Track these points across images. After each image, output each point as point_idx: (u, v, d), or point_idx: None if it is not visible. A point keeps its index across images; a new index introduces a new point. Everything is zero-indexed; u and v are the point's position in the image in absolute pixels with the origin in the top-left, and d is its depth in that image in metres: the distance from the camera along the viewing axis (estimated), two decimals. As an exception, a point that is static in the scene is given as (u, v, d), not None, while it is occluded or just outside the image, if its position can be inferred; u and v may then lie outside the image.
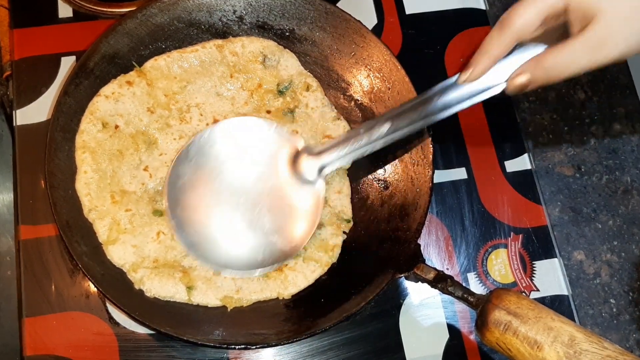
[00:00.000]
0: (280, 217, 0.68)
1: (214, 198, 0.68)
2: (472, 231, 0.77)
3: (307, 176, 0.68)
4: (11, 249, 0.73)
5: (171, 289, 0.66)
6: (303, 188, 0.68)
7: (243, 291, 0.68)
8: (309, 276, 0.69)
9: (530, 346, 0.58)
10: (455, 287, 0.64)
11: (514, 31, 0.58)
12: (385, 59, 0.74)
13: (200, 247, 0.67)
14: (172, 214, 0.67)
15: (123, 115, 0.71)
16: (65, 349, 0.68)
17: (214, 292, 0.67)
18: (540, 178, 0.80)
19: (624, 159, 0.82)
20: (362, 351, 0.70)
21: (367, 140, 0.66)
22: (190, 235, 0.67)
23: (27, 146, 0.75)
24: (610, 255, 0.78)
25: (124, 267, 0.67)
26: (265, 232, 0.67)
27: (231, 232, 0.68)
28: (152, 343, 0.69)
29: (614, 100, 0.85)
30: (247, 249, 0.67)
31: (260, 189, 0.68)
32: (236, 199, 0.68)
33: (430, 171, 0.69)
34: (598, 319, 0.75)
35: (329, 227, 0.71)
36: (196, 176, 0.68)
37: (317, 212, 0.68)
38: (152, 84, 0.73)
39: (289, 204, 0.68)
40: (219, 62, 0.75)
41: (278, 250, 0.67)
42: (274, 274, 0.69)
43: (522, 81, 0.59)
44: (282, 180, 0.68)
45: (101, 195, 0.68)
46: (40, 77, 0.78)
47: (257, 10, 0.76)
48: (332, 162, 0.68)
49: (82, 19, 0.82)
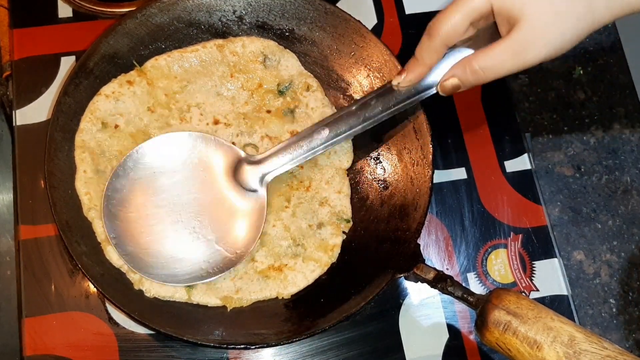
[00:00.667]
0: (223, 226, 0.68)
1: (153, 211, 0.67)
2: (472, 231, 0.76)
3: (249, 185, 0.69)
4: (11, 249, 0.73)
5: (171, 289, 0.66)
6: (246, 197, 0.69)
7: (243, 291, 0.68)
8: (308, 276, 0.69)
9: (530, 346, 0.58)
10: (455, 287, 0.64)
11: (442, 38, 0.60)
12: (385, 59, 0.74)
13: (143, 260, 0.65)
14: (110, 229, 0.66)
15: (123, 114, 0.71)
16: (65, 349, 0.68)
17: (213, 292, 0.67)
18: (540, 178, 0.80)
19: (623, 159, 0.82)
20: (362, 351, 0.70)
21: (307, 148, 0.68)
22: (130, 248, 0.66)
23: (27, 146, 0.75)
24: (610, 255, 0.78)
25: (123, 267, 0.66)
26: (208, 241, 0.67)
27: (173, 245, 0.67)
28: (151, 343, 0.69)
29: (614, 100, 0.85)
30: (191, 260, 0.67)
31: (201, 200, 0.68)
32: (177, 211, 0.68)
33: (429, 171, 0.69)
34: (598, 319, 0.75)
35: (329, 226, 0.71)
36: (133, 191, 0.67)
37: (260, 219, 0.68)
38: (153, 84, 0.73)
39: (232, 212, 0.69)
40: (220, 62, 0.75)
41: (223, 259, 0.67)
42: (274, 274, 0.69)
43: (453, 84, 0.61)
44: (224, 190, 0.69)
45: (101, 195, 0.68)
46: (40, 77, 0.78)
47: (257, 10, 0.76)
48: (273, 170, 0.69)
49: (82, 19, 0.82)
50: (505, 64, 0.57)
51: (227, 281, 0.68)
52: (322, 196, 0.72)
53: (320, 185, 0.73)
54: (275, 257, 0.69)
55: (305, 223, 0.71)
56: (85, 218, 0.68)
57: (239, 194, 0.69)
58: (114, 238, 0.65)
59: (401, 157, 0.73)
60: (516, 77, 0.85)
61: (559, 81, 0.85)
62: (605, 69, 0.86)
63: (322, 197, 0.72)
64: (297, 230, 0.71)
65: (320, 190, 0.72)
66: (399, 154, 0.73)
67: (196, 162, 0.69)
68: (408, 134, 0.72)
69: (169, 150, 0.69)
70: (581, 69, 0.86)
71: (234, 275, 0.68)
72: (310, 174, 0.73)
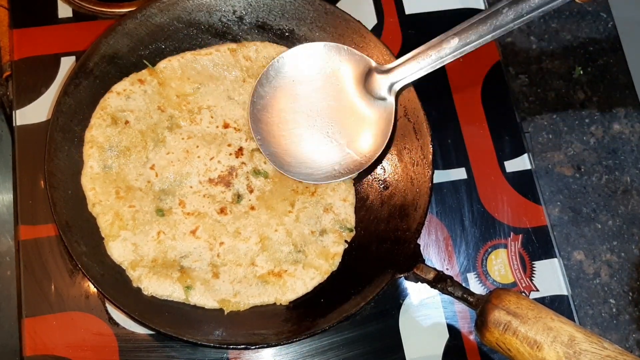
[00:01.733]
0: (354, 132, 0.72)
1: (292, 117, 0.72)
2: (472, 231, 0.76)
3: (379, 93, 0.71)
4: (11, 249, 0.73)
5: (169, 288, 0.66)
6: (375, 104, 0.71)
7: (241, 295, 0.67)
8: (308, 283, 0.69)
9: (530, 346, 0.58)
10: (455, 287, 0.64)
11: None
12: (385, 59, 0.74)
13: (283, 160, 0.71)
14: (255, 132, 0.72)
15: (134, 111, 0.72)
16: (64, 349, 0.68)
17: (212, 294, 0.67)
18: (540, 178, 0.80)
19: (623, 159, 0.82)
20: (362, 351, 0.70)
21: (435, 57, 0.67)
22: (272, 149, 0.71)
23: (27, 146, 0.75)
24: (610, 255, 0.78)
25: (123, 264, 0.67)
26: (340, 145, 0.72)
27: (309, 147, 0.72)
28: (151, 343, 0.69)
29: (614, 100, 0.85)
30: (325, 161, 0.72)
31: (334, 107, 0.72)
32: (313, 117, 0.72)
33: (430, 171, 0.69)
34: (598, 319, 0.75)
35: (331, 234, 0.71)
36: (275, 97, 0.73)
37: (388, 125, 0.71)
38: (165, 84, 0.73)
39: (362, 119, 0.72)
40: (233, 66, 0.75)
41: (354, 161, 0.71)
42: (273, 279, 0.68)
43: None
44: (355, 98, 0.72)
45: (106, 190, 0.68)
46: (40, 78, 0.78)
47: (257, 10, 0.76)
48: (402, 78, 0.70)
49: (82, 19, 0.82)
50: None
51: (225, 284, 0.68)
52: (327, 202, 0.72)
53: (325, 191, 0.73)
54: (276, 262, 0.69)
55: (308, 229, 0.71)
56: (87, 216, 0.68)
57: (368, 102, 0.72)
58: (259, 140, 0.71)
59: (401, 157, 0.73)
60: (516, 77, 0.85)
61: (559, 81, 0.85)
62: (605, 69, 0.86)
63: (327, 203, 0.72)
64: (299, 236, 0.70)
65: (325, 196, 0.72)
66: (399, 154, 0.73)
67: (330, 72, 0.73)
68: (408, 134, 0.72)
69: (306, 60, 0.73)
70: (581, 69, 0.86)
71: (233, 279, 0.68)
72: None
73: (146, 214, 0.69)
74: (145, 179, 0.70)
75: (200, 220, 0.70)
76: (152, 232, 0.69)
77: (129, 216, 0.68)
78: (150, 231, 0.69)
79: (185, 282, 0.67)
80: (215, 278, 0.68)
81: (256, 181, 0.72)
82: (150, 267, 0.67)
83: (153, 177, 0.71)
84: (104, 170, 0.69)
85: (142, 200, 0.69)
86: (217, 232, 0.70)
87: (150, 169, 0.71)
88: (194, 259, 0.68)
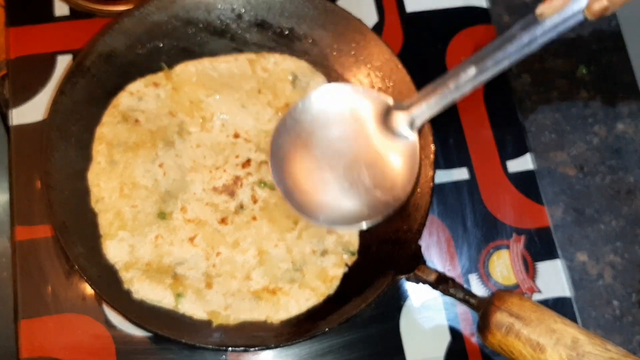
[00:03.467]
0: (379, 173, 0.70)
1: (314, 164, 0.70)
2: (474, 232, 0.76)
3: (400, 131, 0.69)
4: (7, 250, 0.72)
5: (160, 293, 0.66)
6: (397, 142, 0.69)
7: (232, 309, 0.66)
8: (302, 304, 0.67)
9: (533, 348, 0.58)
10: (456, 288, 0.63)
11: None
12: (386, 57, 0.73)
13: (310, 209, 0.69)
14: (278, 182, 0.69)
15: (145, 111, 0.72)
16: (61, 351, 0.67)
17: (202, 305, 0.66)
18: (543, 178, 0.80)
19: (627, 159, 0.81)
20: (363, 354, 0.70)
21: (454, 87, 0.65)
22: (298, 199, 0.69)
23: (23, 146, 0.75)
24: (614, 256, 0.77)
25: (117, 264, 0.66)
26: (366, 188, 0.69)
27: (336, 193, 0.70)
28: (149, 345, 0.68)
29: (617, 99, 0.84)
30: (353, 205, 0.69)
31: (356, 149, 0.70)
32: (335, 162, 0.70)
33: (431, 172, 0.69)
34: (601, 321, 0.75)
35: (333, 255, 0.70)
36: (295, 145, 0.70)
37: (414, 162, 0.69)
38: (179, 89, 0.73)
39: (386, 158, 0.70)
40: (250, 77, 0.74)
41: (382, 203, 0.69)
42: (267, 296, 0.67)
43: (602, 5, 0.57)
44: (376, 138, 0.70)
45: (110, 187, 0.68)
46: (36, 76, 0.78)
47: (256, 8, 0.75)
48: (422, 113, 0.68)
49: (79, 17, 0.81)
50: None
51: (218, 295, 0.67)
52: None
53: None
54: (272, 278, 0.68)
55: (309, 248, 0.70)
56: (84, 217, 0.67)
57: (391, 140, 0.70)
58: (283, 191, 0.69)
59: (402, 157, 0.73)
60: (519, 75, 0.84)
61: (562, 80, 0.84)
62: (609, 68, 0.86)
63: None
64: (300, 254, 0.69)
65: None
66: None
67: (348, 114, 0.71)
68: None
69: (323, 105, 0.71)
70: (584, 68, 0.85)
71: (227, 291, 0.67)
72: None
73: (148, 216, 0.68)
74: (152, 176, 0.70)
75: (200, 228, 0.69)
76: (150, 235, 0.68)
77: (130, 216, 0.68)
78: (149, 234, 0.68)
79: (177, 290, 0.66)
80: (208, 288, 0.67)
81: (261, 192, 0.71)
82: (143, 270, 0.66)
83: (161, 176, 0.70)
84: (111, 164, 0.69)
85: (146, 200, 0.69)
86: (216, 242, 0.69)
87: (159, 166, 0.70)
88: (189, 267, 0.68)
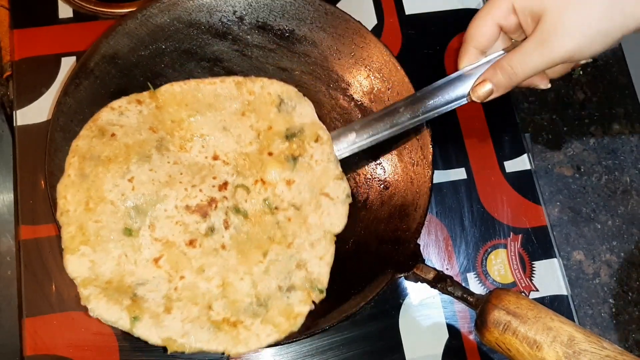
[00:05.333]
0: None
1: None
2: (472, 231, 0.76)
3: None
4: (11, 249, 0.73)
5: (115, 314, 0.62)
6: None
7: (189, 337, 0.62)
8: (262, 340, 0.63)
9: (530, 346, 0.58)
10: (454, 287, 0.64)
11: (472, 41, 0.62)
12: (385, 59, 0.74)
13: None
14: None
15: (124, 126, 0.69)
16: (65, 348, 0.68)
17: (158, 330, 0.62)
18: (540, 178, 0.80)
19: (623, 159, 0.82)
20: (362, 351, 0.70)
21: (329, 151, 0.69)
22: None
23: (27, 146, 0.75)
24: (610, 255, 0.78)
25: (76, 280, 0.63)
26: None
27: None
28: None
29: (613, 100, 0.85)
30: None
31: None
32: None
33: (429, 171, 0.69)
34: (597, 319, 0.75)
35: (300, 292, 0.66)
36: None
37: None
38: (162, 108, 0.71)
39: None
40: (234, 99, 0.72)
41: None
42: (227, 327, 0.64)
43: (486, 89, 0.62)
44: None
45: (76, 200, 0.65)
46: (40, 78, 0.78)
47: (257, 10, 0.76)
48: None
49: (82, 20, 0.82)
50: (532, 57, 0.57)
51: (176, 321, 0.63)
52: (302, 258, 0.67)
53: (303, 245, 0.68)
54: (234, 311, 0.64)
55: (275, 283, 0.66)
56: None
57: None
58: None
59: (401, 157, 0.73)
60: (516, 77, 0.85)
61: (559, 81, 0.85)
62: (605, 69, 0.86)
63: (302, 258, 0.67)
64: (265, 289, 0.66)
65: (302, 251, 0.68)
66: (399, 154, 0.73)
67: None
68: (408, 134, 0.72)
69: None
70: (581, 70, 0.86)
71: (186, 317, 0.63)
72: (297, 230, 0.68)
73: (112, 232, 0.65)
74: (120, 190, 0.66)
75: (167, 249, 0.66)
76: (113, 253, 0.65)
77: (92, 231, 0.65)
78: (112, 251, 0.65)
79: (134, 313, 0.62)
80: (167, 313, 0.63)
81: (234, 218, 0.68)
82: (102, 288, 0.63)
83: (129, 191, 0.67)
84: (81, 178, 0.66)
85: (111, 216, 0.66)
86: (181, 265, 0.66)
87: (128, 181, 0.67)
88: (149, 289, 0.64)
